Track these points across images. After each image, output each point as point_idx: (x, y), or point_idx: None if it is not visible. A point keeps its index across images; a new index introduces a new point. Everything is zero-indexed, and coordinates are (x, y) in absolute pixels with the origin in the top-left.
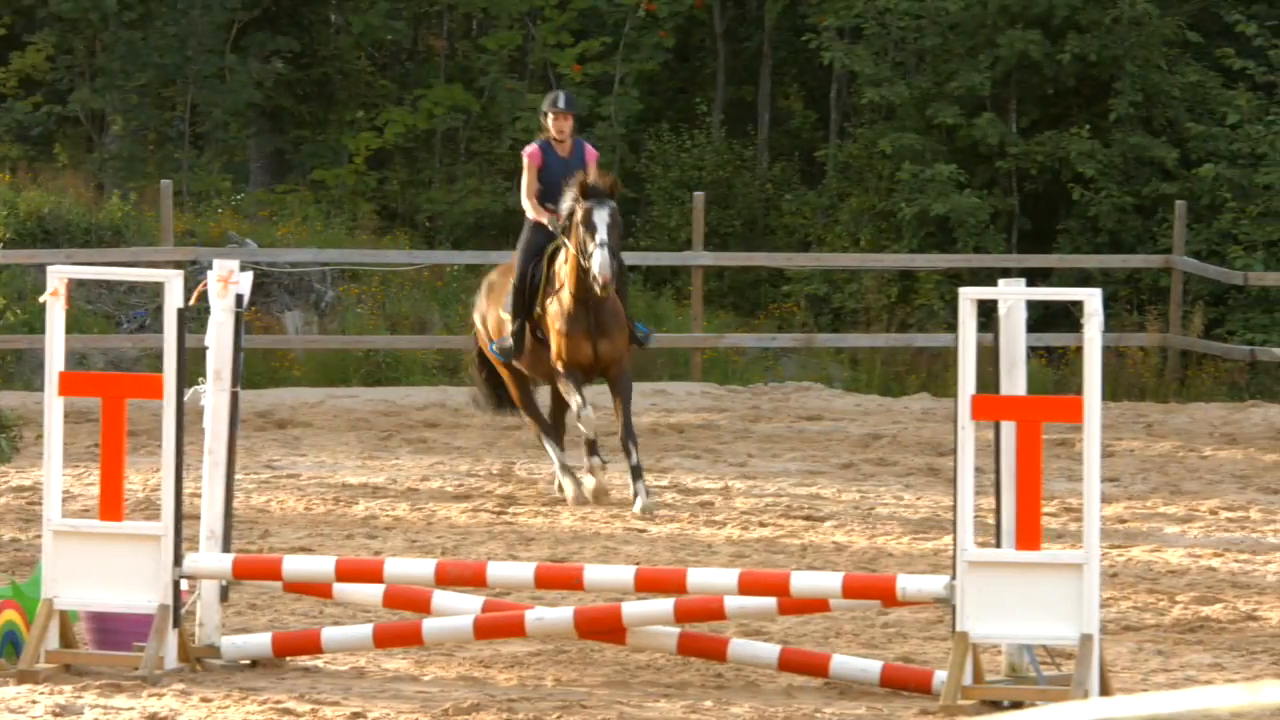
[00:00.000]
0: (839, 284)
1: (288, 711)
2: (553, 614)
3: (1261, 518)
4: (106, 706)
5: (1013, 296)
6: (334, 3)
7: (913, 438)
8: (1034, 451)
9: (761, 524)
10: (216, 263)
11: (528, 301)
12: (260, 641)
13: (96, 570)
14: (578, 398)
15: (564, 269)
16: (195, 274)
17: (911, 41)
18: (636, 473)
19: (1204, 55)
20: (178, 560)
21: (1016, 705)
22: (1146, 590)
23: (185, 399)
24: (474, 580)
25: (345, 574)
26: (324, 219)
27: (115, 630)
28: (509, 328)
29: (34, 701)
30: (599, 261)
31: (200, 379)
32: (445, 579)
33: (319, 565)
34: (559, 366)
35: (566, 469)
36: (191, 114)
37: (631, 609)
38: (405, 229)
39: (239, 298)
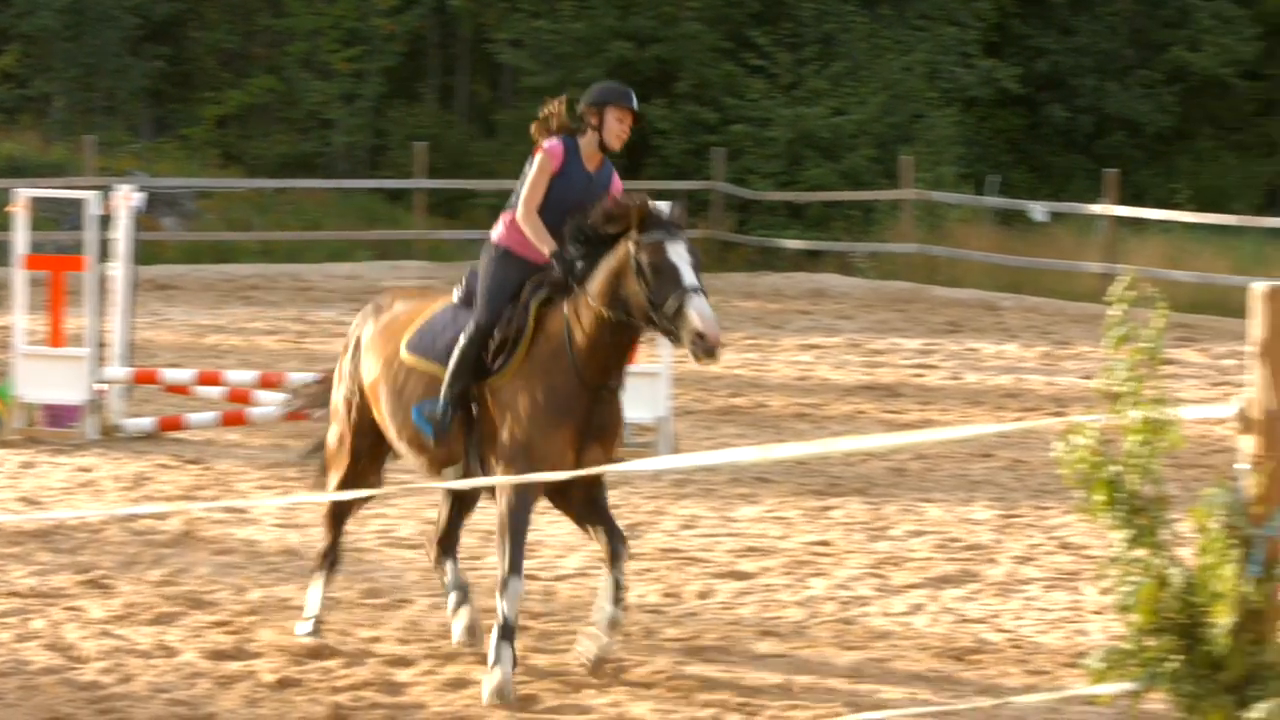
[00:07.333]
0: None
1: (165, 465)
2: None
3: (770, 344)
4: (54, 462)
5: None
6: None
7: None
8: None
9: None
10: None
11: (488, 360)
12: (149, 422)
13: (48, 379)
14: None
15: (570, 328)
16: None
17: None
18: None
19: (734, 57)
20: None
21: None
22: (698, 389)
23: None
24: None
25: (203, 380)
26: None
27: (60, 416)
28: (443, 388)
29: (6, 460)
30: (698, 312)
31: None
32: (268, 385)
33: (184, 375)
34: (505, 467)
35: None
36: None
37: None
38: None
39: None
